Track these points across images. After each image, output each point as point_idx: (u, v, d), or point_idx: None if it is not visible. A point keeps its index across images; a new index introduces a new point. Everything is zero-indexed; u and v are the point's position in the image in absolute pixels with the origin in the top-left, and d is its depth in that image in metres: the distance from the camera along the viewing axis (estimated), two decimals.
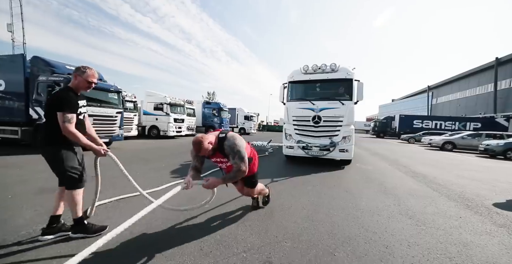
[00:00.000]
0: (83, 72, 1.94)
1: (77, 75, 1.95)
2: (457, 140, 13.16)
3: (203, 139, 1.87)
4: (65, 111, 1.81)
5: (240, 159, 1.97)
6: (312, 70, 6.00)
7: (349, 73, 5.74)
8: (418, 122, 26.61)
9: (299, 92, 6.37)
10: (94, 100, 7.43)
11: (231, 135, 2.09)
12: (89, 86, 2.00)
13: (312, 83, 6.18)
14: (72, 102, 1.88)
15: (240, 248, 1.90)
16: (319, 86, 6.24)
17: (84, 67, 1.97)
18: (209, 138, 1.95)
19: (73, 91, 1.95)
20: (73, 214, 1.99)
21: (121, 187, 3.36)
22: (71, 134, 1.82)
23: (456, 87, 37.66)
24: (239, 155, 1.98)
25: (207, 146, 1.89)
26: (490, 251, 2.00)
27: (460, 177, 5.38)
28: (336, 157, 5.72)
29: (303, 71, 6.06)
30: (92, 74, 1.97)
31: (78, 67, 1.99)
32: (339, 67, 5.81)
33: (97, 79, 2.06)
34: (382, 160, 7.83)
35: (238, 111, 25.12)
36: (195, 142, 1.88)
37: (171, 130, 13.82)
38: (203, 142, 1.86)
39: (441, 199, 3.51)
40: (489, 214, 2.95)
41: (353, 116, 5.69)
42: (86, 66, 1.99)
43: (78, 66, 2.01)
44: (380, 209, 2.93)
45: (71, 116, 1.84)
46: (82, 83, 1.96)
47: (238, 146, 2.00)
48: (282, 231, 2.21)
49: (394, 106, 58.33)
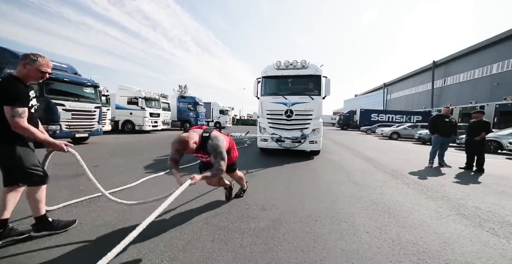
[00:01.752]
0: (34, 60, 1.72)
1: (26, 63, 1.72)
2: (401, 130, 15.94)
3: (189, 139, 1.94)
4: (14, 105, 1.61)
5: (222, 159, 2.07)
6: (284, 66, 6.21)
7: (318, 69, 6.06)
8: (375, 116, 30.10)
9: (272, 87, 6.55)
10: (71, 94, 7.32)
11: (214, 136, 2.15)
12: (42, 76, 1.80)
13: (284, 79, 6.41)
14: (23, 94, 1.69)
15: (241, 209, 2.77)
16: (291, 81, 6.49)
17: (34, 55, 1.76)
18: (194, 137, 2.01)
19: (21, 81, 1.72)
20: (35, 212, 1.88)
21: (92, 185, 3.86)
22: (23, 130, 1.65)
23: (405, 85, 43.24)
24: (221, 155, 2.08)
25: (192, 146, 1.97)
26: (396, 197, 3.23)
27: (394, 158, 7.06)
28: (306, 149, 6.08)
29: (275, 67, 6.28)
30: (45, 62, 1.77)
31: (27, 54, 1.74)
32: (309, 63, 6.09)
33: (51, 69, 1.86)
34: (343, 148, 9.37)
35: (213, 105, 25.28)
36: (182, 141, 1.93)
37: (147, 125, 13.68)
38: (189, 142, 1.93)
39: (378, 172, 4.85)
40: (402, 178, 4.35)
41: (321, 110, 6.08)
42: (36, 54, 1.77)
43: (25, 53, 1.76)
44: (336, 180, 4.07)
45: (23, 110, 1.65)
46: (33, 72, 1.74)
47: (220, 147, 2.09)
48: (270, 194, 3.16)
49: (357, 101, 64.06)
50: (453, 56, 29.38)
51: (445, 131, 5.58)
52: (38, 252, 1.72)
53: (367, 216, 2.54)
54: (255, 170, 4.59)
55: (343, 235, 2.10)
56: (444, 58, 31.09)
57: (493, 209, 2.88)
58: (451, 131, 5.63)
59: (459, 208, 2.88)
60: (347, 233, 2.14)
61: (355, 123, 31.25)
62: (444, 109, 5.75)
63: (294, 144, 5.96)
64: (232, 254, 1.75)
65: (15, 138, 1.71)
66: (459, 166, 5.61)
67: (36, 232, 1.89)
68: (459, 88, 28.68)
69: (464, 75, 27.91)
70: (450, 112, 5.80)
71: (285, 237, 2.03)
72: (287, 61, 6.20)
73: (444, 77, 31.40)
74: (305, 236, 2.05)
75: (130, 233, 1.30)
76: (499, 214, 2.74)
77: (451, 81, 30.36)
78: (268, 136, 6.08)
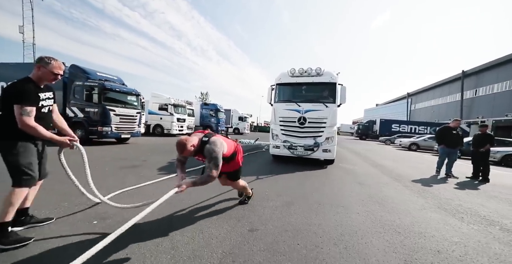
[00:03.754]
0: (48, 63, 1.85)
1: (40, 66, 1.85)
2: (420, 142, 15.72)
3: (187, 142, 1.99)
4: (22, 104, 1.72)
5: (215, 166, 2.03)
6: (298, 73, 6.20)
7: (333, 77, 5.99)
8: (396, 126, 29.33)
9: (286, 94, 6.58)
10: (120, 102, 8.81)
11: (213, 141, 2.13)
12: (54, 78, 1.92)
13: (298, 86, 6.43)
14: (31, 94, 1.79)
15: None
16: (305, 88, 6.49)
17: (48, 58, 1.88)
18: (193, 141, 2.05)
19: (33, 82, 1.86)
20: (1, 217, 1.72)
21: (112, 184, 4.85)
22: (29, 128, 1.74)
23: (431, 95, 41.51)
24: (215, 161, 2.03)
25: (190, 148, 2.00)
26: (391, 194, 3.84)
27: (406, 166, 7.42)
28: (319, 157, 6.01)
29: (290, 74, 6.30)
30: (58, 65, 1.90)
31: (41, 57, 1.89)
32: (324, 71, 6.03)
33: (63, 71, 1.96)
34: (357, 156, 9.80)
35: (232, 112, 26.70)
36: (179, 144, 1.99)
37: (175, 129, 15.18)
38: (186, 145, 1.98)
39: (384, 177, 5.39)
40: (404, 182, 4.88)
41: (336, 118, 5.95)
42: (50, 57, 1.90)
43: (40, 56, 1.91)
44: (343, 181, 4.72)
45: (30, 109, 1.75)
46: (46, 74, 1.87)
47: (216, 152, 2.05)
48: (285, 188, 3.94)
49: (378, 111, 62.20)
50: (486, 65, 28.03)
51: (451, 143, 5.81)
52: None
53: (361, 204, 3.22)
54: (265, 177, 4.59)
55: (337, 213, 2.83)
56: (476, 68, 29.70)
57: (473, 207, 3.39)
58: (457, 143, 5.88)
59: (443, 205, 3.43)
60: (341, 212, 2.86)
61: (374, 133, 30.68)
62: (454, 122, 5.99)
63: (307, 152, 5.91)
64: (257, 217, 2.57)
65: (19, 136, 1.77)
66: (466, 175, 5.90)
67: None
68: (492, 99, 27.10)
69: (498, 86, 26.39)
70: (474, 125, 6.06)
71: (295, 211, 2.81)
72: (302, 69, 6.18)
73: (476, 87, 29.87)
74: (309, 212, 2.81)
75: (108, 235, 1.35)
76: (476, 210, 3.26)
77: (483, 92, 28.80)
78: (280, 143, 6.09)
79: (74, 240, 1.90)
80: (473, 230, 2.57)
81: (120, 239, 1.51)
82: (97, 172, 4.04)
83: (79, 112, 8.10)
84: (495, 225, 2.73)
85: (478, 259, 1.94)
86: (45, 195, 2.66)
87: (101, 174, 4.01)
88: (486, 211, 3.21)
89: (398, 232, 2.38)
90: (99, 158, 5.53)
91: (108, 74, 9.36)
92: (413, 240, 2.22)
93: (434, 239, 2.27)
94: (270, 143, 6.31)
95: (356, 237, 2.21)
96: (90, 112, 8.04)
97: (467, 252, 2.06)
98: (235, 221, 2.43)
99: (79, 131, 8.19)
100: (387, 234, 2.31)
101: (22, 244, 1.74)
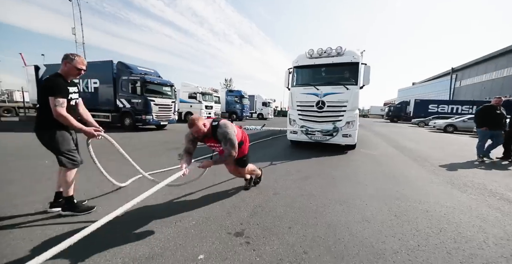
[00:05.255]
0: (72, 60, 2.03)
1: (66, 62, 2.02)
2: (458, 123, 14.48)
3: (199, 120, 2.11)
4: (56, 96, 1.92)
5: (232, 146, 2.18)
6: (317, 54, 5.83)
7: (355, 56, 5.55)
8: (433, 107, 26.75)
9: (304, 77, 6.25)
10: (158, 92, 9.98)
11: (223, 123, 2.25)
12: (78, 73, 2.09)
13: (317, 68, 6.06)
14: (62, 87, 1.99)
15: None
16: (324, 70, 6.12)
17: (72, 55, 2.06)
18: (204, 120, 2.17)
19: (63, 77, 2.05)
20: (65, 192, 2.13)
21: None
22: (62, 117, 1.94)
23: (482, 69, 36.07)
24: (231, 142, 2.18)
25: (201, 126, 2.09)
26: (404, 172, 4.17)
27: (431, 147, 7.35)
28: (339, 142, 5.79)
29: (308, 56, 5.94)
30: (81, 61, 2.07)
31: (67, 54, 2.05)
32: (345, 50, 5.62)
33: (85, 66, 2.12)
34: (382, 139, 9.76)
35: (256, 98, 27.15)
36: (192, 119, 2.09)
37: (204, 116, 16.39)
38: (198, 121, 2.09)
39: (402, 157, 5.61)
40: (422, 162, 5.06)
41: (358, 101, 5.62)
42: (74, 54, 2.08)
43: (66, 53, 2.06)
44: (362, 160, 5.09)
45: (62, 101, 1.95)
46: (72, 70, 2.05)
47: (230, 134, 2.19)
48: (304, 166, 4.53)
49: (414, 90, 56.50)
50: None
51: (494, 124, 5.30)
52: (49, 227, 1.95)
53: (373, 178, 3.68)
54: (285, 161, 4.68)
55: (350, 183, 3.36)
56: None
57: (484, 182, 3.60)
58: (501, 124, 5.39)
59: (453, 180, 3.70)
60: (353, 184, 3.38)
61: (407, 115, 28.56)
62: (495, 100, 5.50)
63: (325, 137, 5.76)
64: (280, 186, 3.24)
65: (56, 125, 2.00)
66: (496, 156, 5.74)
67: (63, 211, 2.13)
68: None
69: None
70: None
71: (311, 182, 3.41)
72: (321, 49, 5.81)
73: None
74: (323, 183, 3.39)
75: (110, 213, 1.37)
76: (485, 184, 3.48)
77: None
78: (297, 128, 5.98)
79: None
80: (471, 199, 2.90)
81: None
82: (153, 153, 5.13)
83: (127, 103, 9.48)
84: (495, 196, 2.99)
85: (460, 217, 2.36)
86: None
87: (156, 154, 5.06)
88: (495, 186, 3.42)
89: (397, 198, 2.85)
90: (150, 142, 6.72)
91: (146, 68, 10.50)
92: (408, 203, 2.69)
93: (428, 203, 2.70)
94: (288, 128, 6.09)
95: (359, 200, 2.75)
96: (135, 102, 9.36)
97: (453, 212, 2.48)
98: (263, 188, 3.13)
99: (127, 119, 9.66)
100: (387, 199, 2.80)
101: (89, 212, 2.20)
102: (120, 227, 1.97)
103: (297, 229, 2.05)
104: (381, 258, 1.66)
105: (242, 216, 2.28)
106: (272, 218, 2.25)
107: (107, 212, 1.42)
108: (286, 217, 2.27)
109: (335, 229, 2.06)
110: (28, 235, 1.83)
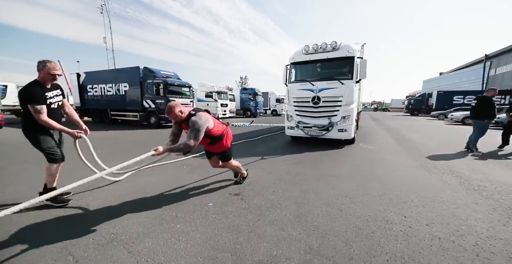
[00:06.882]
0: (44, 66, 2.08)
1: (40, 69, 2.08)
2: None
3: (176, 107, 2.27)
4: (33, 103, 2.05)
5: (194, 136, 2.22)
6: (312, 50, 5.90)
7: (350, 50, 5.58)
8: (459, 98, 25.10)
9: (300, 73, 6.33)
10: (178, 93, 11.15)
11: (199, 115, 2.32)
12: (53, 78, 2.17)
13: (312, 63, 6.14)
14: (37, 94, 2.07)
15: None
16: (320, 66, 6.16)
17: (44, 62, 2.10)
18: (182, 108, 2.31)
19: (39, 84, 2.14)
20: (49, 184, 2.34)
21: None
22: (43, 122, 2.12)
23: None
24: (196, 132, 2.22)
25: (177, 113, 2.26)
26: (390, 159, 4.73)
27: (434, 141, 7.51)
28: (334, 137, 5.86)
29: (304, 52, 6.03)
30: (52, 67, 2.11)
31: (40, 61, 2.09)
32: (341, 45, 5.67)
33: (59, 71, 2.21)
34: (387, 131, 9.99)
35: (270, 95, 27.77)
36: (169, 106, 2.26)
37: (219, 113, 17.52)
38: (175, 108, 2.25)
39: (399, 148, 6.02)
40: (415, 153, 5.50)
41: (353, 95, 5.62)
42: (46, 60, 2.12)
43: (39, 60, 2.10)
44: (360, 152, 5.64)
45: (40, 107, 2.07)
46: (46, 76, 2.12)
47: (197, 124, 2.23)
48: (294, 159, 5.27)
49: (441, 81, 52.73)
50: None
51: (492, 115, 5.28)
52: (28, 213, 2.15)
53: (359, 161, 4.33)
54: (270, 157, 4.80)
55: (334, 165, 4.06)
56: None
57: (457, 166, 4.09)
58: (494, 115, 5.38)
59: (428, 165, 4.21)
60: (337, 165, 4.08)
61: (429, 107, 27.16)
62: (491, 91, 5.39)
63: (321, 132, 5.83)
64: (275, 168, 4.04)
65: (39, 127, 2.18)
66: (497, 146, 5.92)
67: (46, 201, 2.29)
68: None
69: None
70: None
71: (301, 165, 4.17)
72: (316, 45, 5.90)
73: None
74: (312, 165, 4.12)
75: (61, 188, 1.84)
76: (452, 167, 4.02)
77: None
78: (292, 124, 6.17)
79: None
80: (433, 179, 3.45)
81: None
82: None
83: (152, 104, 10.80)
84: (461, 177, 3.49)
85: (408, 186, 2.99)
86: None
87: None
88: (468, 169, 3.89)
89: (367, 176, 3.52)
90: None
91: (167, 71, 11.75)
92: (374, 179, 3.35)
93: (389, 179, 3.35)
94: (286, 124, 6.44)
95: (335, 178, 3.47)
96: (158, 103, 10.62)
97: (407, 183, 3.10)
98: (260, 169, 3.96)
99: (152, 118, 10.99)
100: (359, 178, 3.48)
101: (65, 203, 2.42)
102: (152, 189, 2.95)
103: (278, 193, 2.87)
104: (330, 206, 2.43)
105: (241, 185, 3.15)
106: (262, 187, 3.08)
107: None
108: (274, 187, 3.09)
109: (305, 193, 2.85)
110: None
